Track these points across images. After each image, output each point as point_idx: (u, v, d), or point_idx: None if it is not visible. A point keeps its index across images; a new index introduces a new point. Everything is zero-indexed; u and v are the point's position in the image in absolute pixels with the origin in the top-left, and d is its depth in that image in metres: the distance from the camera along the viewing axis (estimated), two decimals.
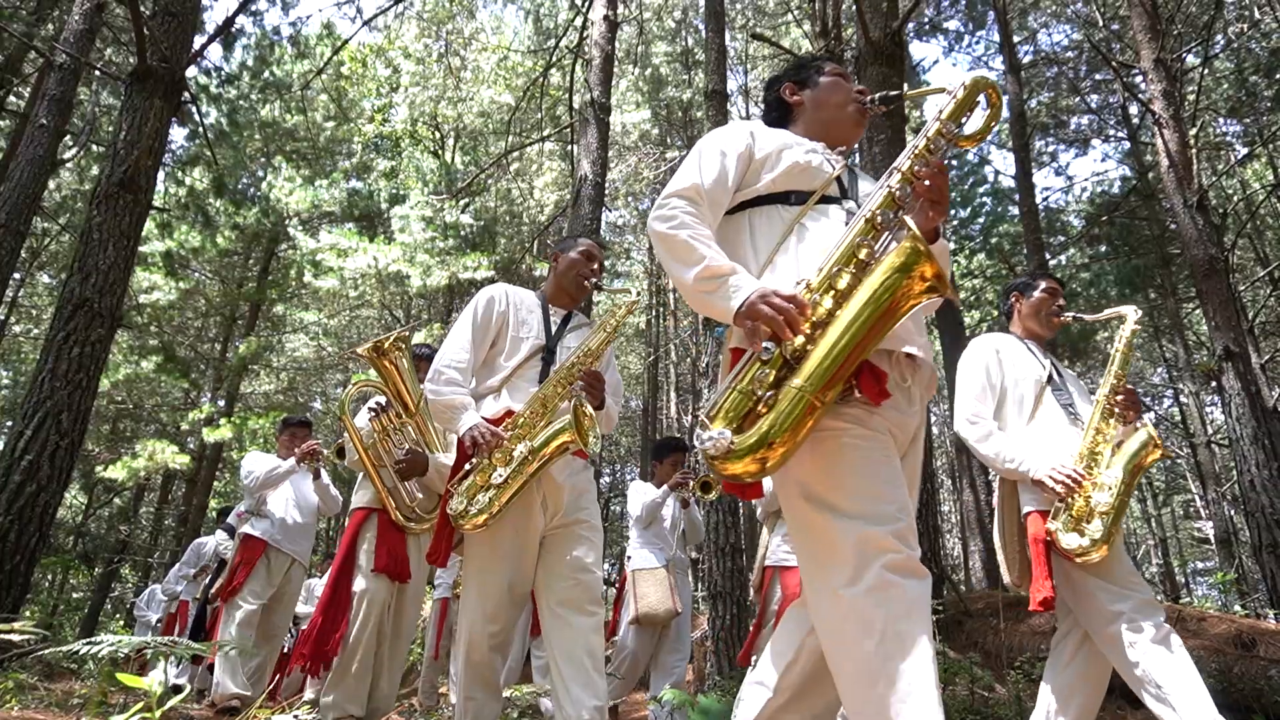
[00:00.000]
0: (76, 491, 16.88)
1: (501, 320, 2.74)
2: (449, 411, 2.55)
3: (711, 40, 7.84)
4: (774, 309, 1.53)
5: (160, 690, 1.45)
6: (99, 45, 11.15)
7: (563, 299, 2.91)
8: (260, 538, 4.75)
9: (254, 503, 4.84)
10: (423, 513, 3.54)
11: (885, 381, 1.62)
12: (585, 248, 2.91)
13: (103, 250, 5.49)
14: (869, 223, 1.63)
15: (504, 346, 2.71)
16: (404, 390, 3.50)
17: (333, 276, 13.10)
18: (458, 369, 2.60)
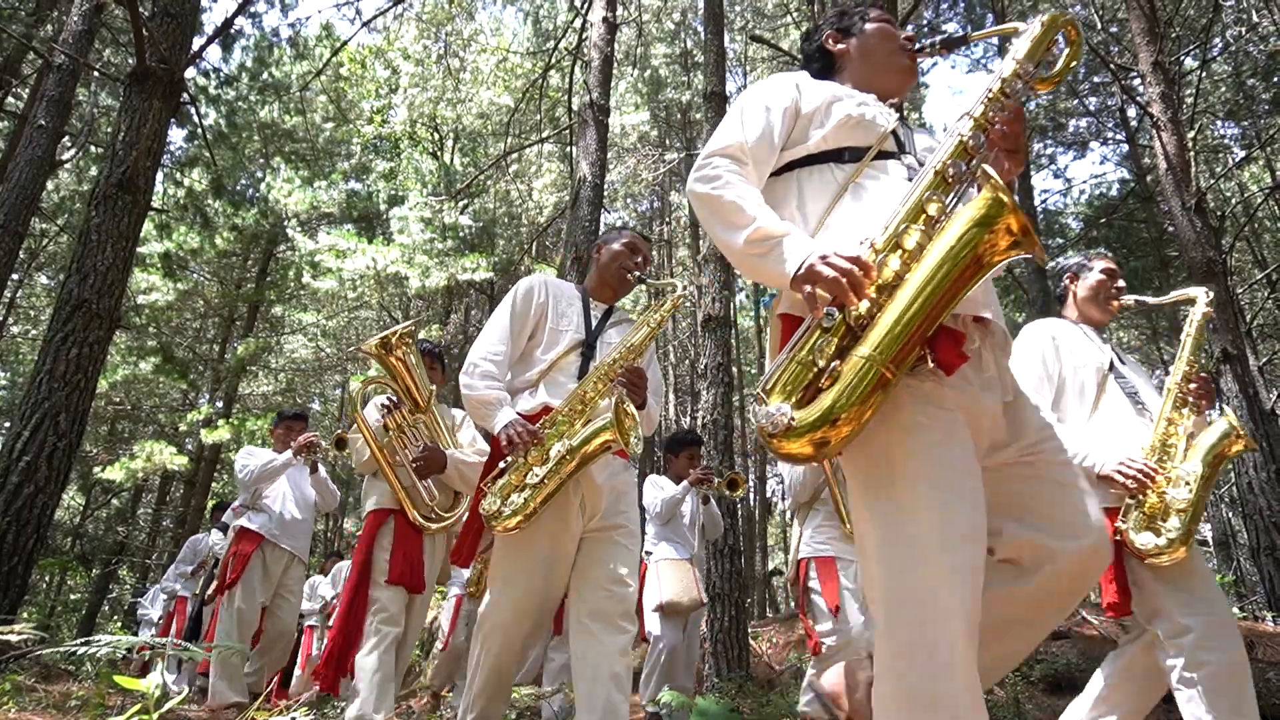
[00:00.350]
0: (74, 493, 16.86)
1: (540, 311, 2.62)
2: (483, 407, 2.44)
3: (710, 42, 7.85)
4: (836, 270, 1.38)
5: (158, 692, 1.45)
6: (98, 46, 11.15)
7: (605, 293, 2.78)
8: (256, 531, 4.59)
9: (250, 496, 4.68)
10: (441, 511, 3.43)
11: (964, 344, 1.47)
12: (629, 239, 2.77)
13: (101, 251, 5.49)
14: (939, 175, 1.48)
15: (542, 339, 2.59)
16: (413, 386, 3.38)
17: (331, 277, 13.10)
18: (493, 361, 2.49)
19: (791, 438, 1.35)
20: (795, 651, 6.54)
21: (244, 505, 4.68)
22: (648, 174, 15.14)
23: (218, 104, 13.25)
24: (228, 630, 4.39)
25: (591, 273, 2.84)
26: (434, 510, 3.40)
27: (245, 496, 4.67)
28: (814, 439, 1.33)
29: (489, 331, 2.57)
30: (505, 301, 2.62)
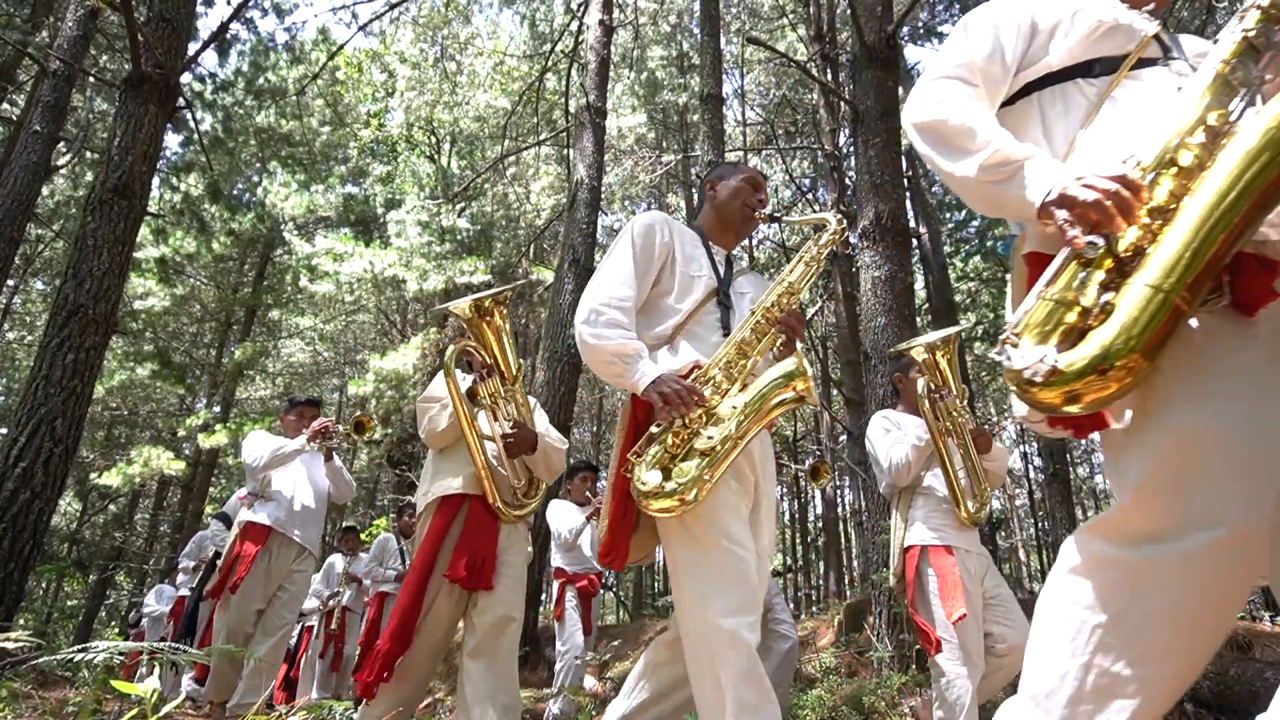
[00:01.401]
0: (71, 498, 16.83)
1: (665, 253, 2.23)
2: (617, 361, 2.01)
3: (707, 44, 7.86)
4: (1098, 192, 1.18)
5: (155, 696, 1.44)
6: (93, 52, 11.14)
7: (725, 236, 2.40)
8: (265, 524, 4.24)
9: (259, 485, 4.33)
10: (522, 497, 3.09)
11: (1277, 278, 1.18)
12: (748, 173, 2.40)
13: (97, 256, 5.48)
14: (1220, 78, 1.23)
15: (672, 286, 2.21)
16: (503, 357, 3.04)
17: (328, 281, 13.09)
18: (621, 309, 2.07)
19: (1055, 386, 1.13)
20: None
21: (252, 494, 4.36)
22: (645, 176, 15.15)
23: (214, 109, 13.26)
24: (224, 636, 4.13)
25: (706, 213, 2.45)
26: (516, 495, 3.06)
27: (254, 484, 4.35)
28: (1086, 383, 1.11)
29: (609, 275, 2.15)
30: (622, 241, 2.23)
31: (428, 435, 3.07)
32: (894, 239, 5.85)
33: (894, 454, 3.42)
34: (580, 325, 2.07)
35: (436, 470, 3.06)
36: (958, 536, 3.30)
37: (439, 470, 3.04)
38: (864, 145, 6.24)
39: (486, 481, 2.91)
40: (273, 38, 13.74)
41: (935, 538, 3.29)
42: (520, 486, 3.07)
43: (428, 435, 3.07)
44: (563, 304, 7.66)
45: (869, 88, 6.33)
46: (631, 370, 2.00)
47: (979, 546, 3.38)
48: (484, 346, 3.02)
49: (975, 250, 17.22)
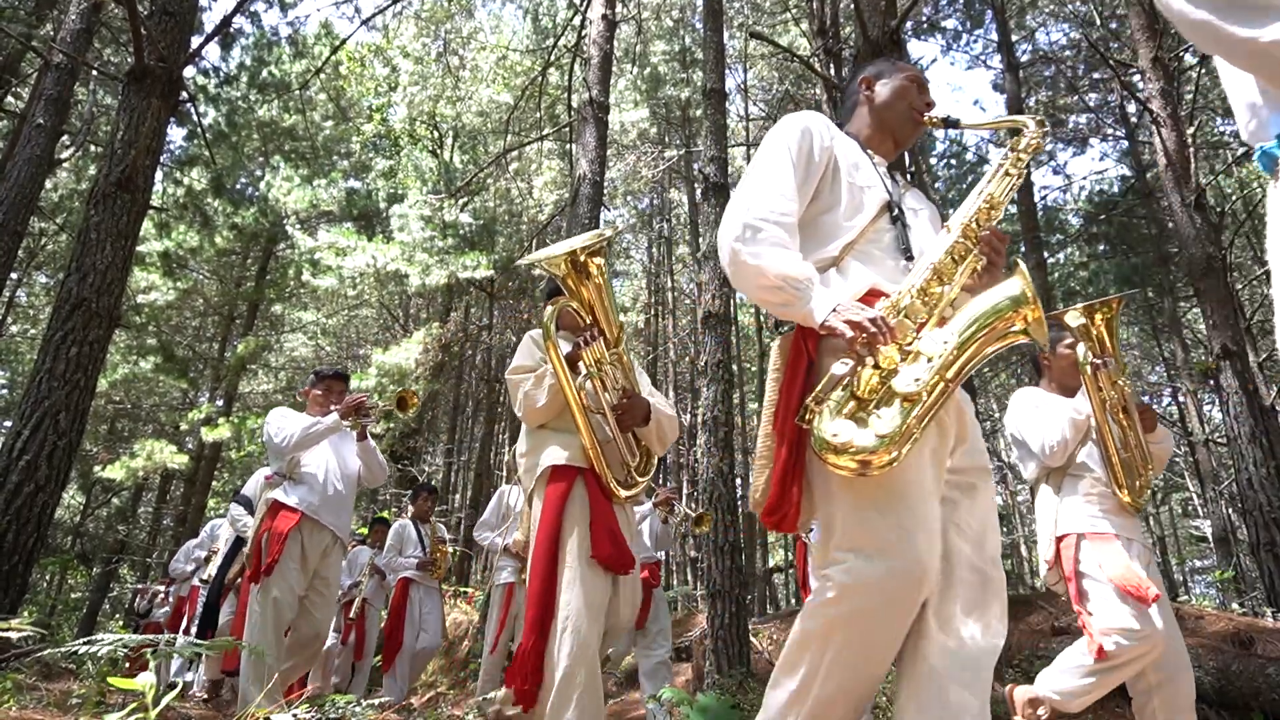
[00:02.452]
0: (74, 491, 16.88)
1: (827, 160, 1.85)
2: (785, 286, 1.61)
3: (710, 39, 7.84)
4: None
5: (155, 689, 1.45)
6: (96, 45, 11.14)
7: (884, 145, 2.02)
8: (295, 507, 3.82)
9: (286, 465, 3.92)
10: (636, 474, 2.73)
11: None
12: (912, 71, 2.03)
13: (100, 250, 5.49)
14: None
15: (836, 199, 1.82)
16: (605, 317, 2.64)
17: (331, 276, 13.11)
18: (782, 224, 1.69)
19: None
20: None
21: (279, 475, 3.93)
22: (648, 171, 15.13)
23: (217, 102, 13.26)
24: (261, 623, 3.65)
25: (859, 118, 2.04)
26: (629, 471, 2.71)
27: (280, 465, 3.92)
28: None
29: (764, 184, 1.75)
30: (775, 145, 1.82)
31: (526, 411, 2.67)
32: None
33: (1048, 433, 3.01)
34: (732, 244, 1.68)
35: (539, 442, 2.68)
36: (1119, 522, 2.91)
37: (542, 441, 2.67)
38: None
39: (597, 458, 2.55)
40: (276, 31, 13.74)
41: (1094, 523, 2.90)
42: (634, 462, 2.71)
43: (526, 411, 2.67)
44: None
45: None
46: (802, 297, 1.61)
47: (1143, 536, 3.01)
48: (582, 306, 2.63)
49: None
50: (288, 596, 3.69)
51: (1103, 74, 13.94)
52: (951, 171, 18.06)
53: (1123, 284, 13.82)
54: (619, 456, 2.65)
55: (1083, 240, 15.25)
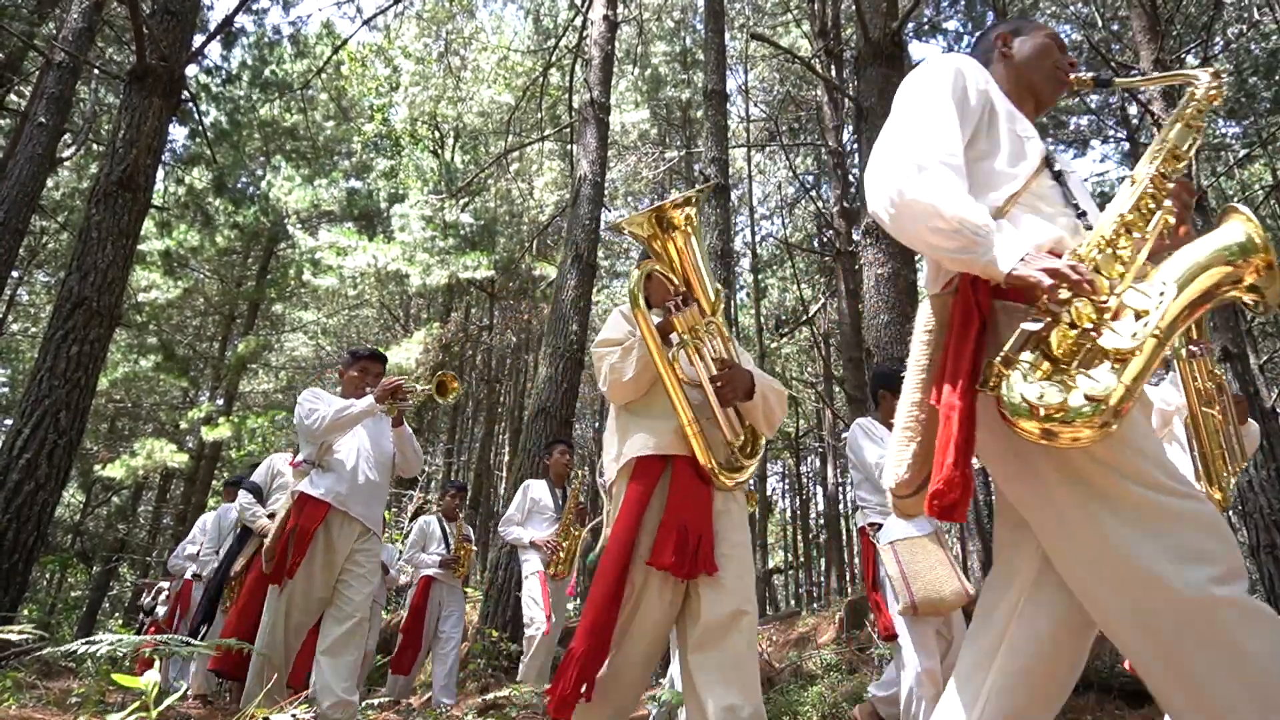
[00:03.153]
0: (75, 490, 16.88)
1: (985, 105, 1.67)
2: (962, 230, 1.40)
3: (711, 40, 7.85)
4: None
5: (157, 689, 1.45)
6: (99, 44, 11.15)
7: (1025, 105, 1.84)
8: (322, 499, 3.52)
9: (316, 451, 3.60)
10: (742, 456, 2.40)
11: None
12: (1051, 31, 1.90)
13: (101, 249, 5.49)
14: None
15: (997, 146, 1.65)
16: (698, 280, 2.36)
17: (332, 275, 13.12)
18: (951, 165, 1.49)
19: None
20: (794, 650, 6.56)
21: (308, 461, 3.63)
22: (648, 172, 15.14)
23: (219, 102, 13.27)
24: (273, 623, 3.45)
25: (998, 74, 1.86)
26: (734, 453, 2.38)
27: (310, 451, 3.62)
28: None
29: (924, 123, 1.57)
30: (930, 84, 1.64)
31: (612, 387, 2.39)
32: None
33: None
34: (899, 183, 1.47)
35: (626, 428, 2.40)
36: None
37: (630, 427, 2.39)
38: (867, 142, 6.23)
39: (696, 439, 2.26)
40: (278, 31, 13.73)
41: None
42: (738, 442, 2.40)
43: (612, 387, 2.39)
44: (565, 300, 7.65)
45: (873, 84, 6.32)
46: (984, 244, 1.40)
47: None
48: (672, 270, 2.37)
49: None
50: (304, 601, 3.46)
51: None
52: None
53: None
54: (721, 436, 2.35)
55: None
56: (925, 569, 3.16)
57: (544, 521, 5.38)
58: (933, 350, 1.56)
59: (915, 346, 1.60)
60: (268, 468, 4.99)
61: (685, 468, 2.27)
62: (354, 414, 3.57)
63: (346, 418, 3.56)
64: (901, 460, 1.55)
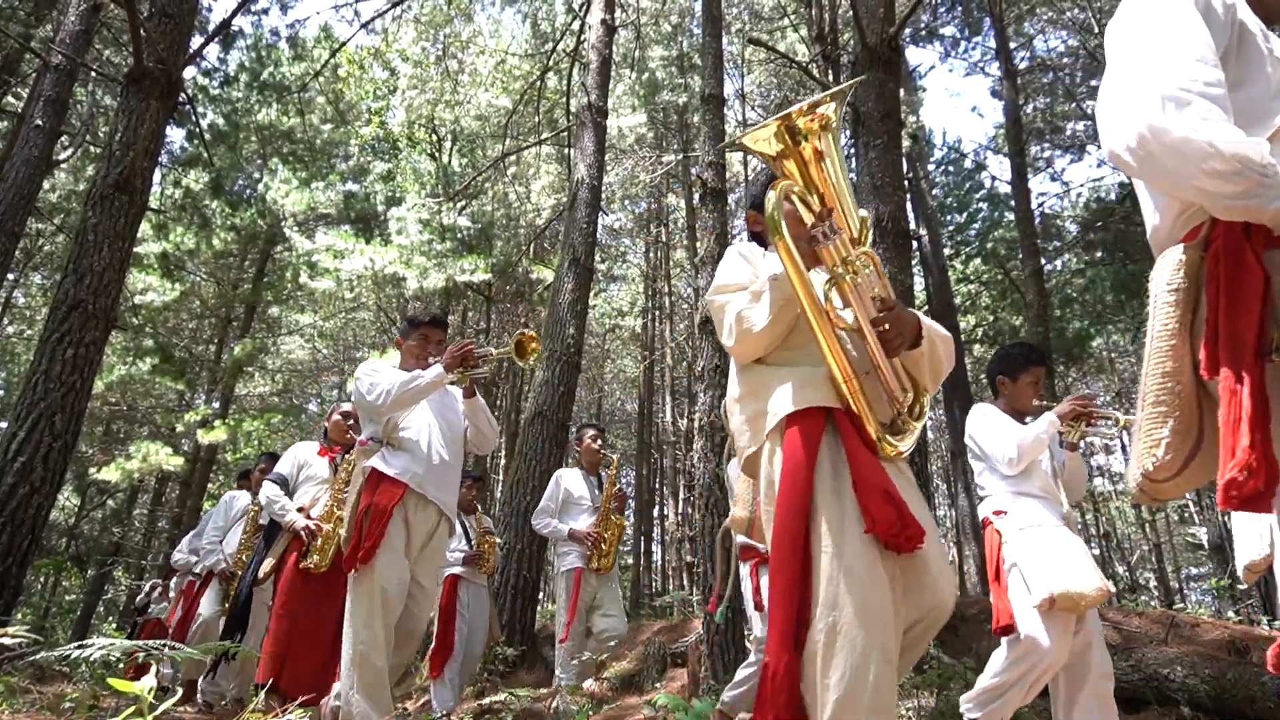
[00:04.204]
0: (70, 493, 16.83)
1: (1232, 21, 1.39)
2: (1241, 171, 1.19)
3: (708, 44, 7.86)
4: None
5: (152, 694, 1.44)
6: (96, 46, 11.14)
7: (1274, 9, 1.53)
8: (398, 478, 3.13)
9: (381, 429, 3.24)
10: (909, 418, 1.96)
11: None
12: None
13: (98, 251, 5.48)
14: None
15: (1252, 73, 1.37)
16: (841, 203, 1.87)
17: (329, 278, 13.10)
18: (1211, 95, 1.24)
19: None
20: None
21: (374, 439, 3.26)
22: (645, 176, 15.16)
23: (216, 104, 13.27)
24: (368, 619, 2.99)
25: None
26: (900, 415, 1.95)
27: (375, 429, 3.26)
28: None
29: (1171, 46, 1.31)
30: (1170, 3, 1.36)
31: (739, 339, 1.95)
32: (894, 241, 5.85)
33: None
34: (1151, 121, 1.23)
35: (765, 383, 1.94)
36: None
37: (770, 382, 1.93)
38: (865, 147, 6.25)
39: (855, 396, 1.82)
40: (275, 33, 13.75)
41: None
42: (904, 400, 1.96)
43: (739, 339, 1.95)
44: (562, 303, 7.65)
45: (870, 89, 6.33)
46: (1273, 186, 1.18)
47: None
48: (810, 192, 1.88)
49: (975, 253, 17.24)
50: (395, 586, 3.04)
51: (1100, 81, 13.98)
52: (949, 179, 18.10)
53: (1119, 291, 13.85)
54: (884, 392, 1.91)
55: (1080, 247, 15.28)
56: (1063, 559, 2.88)
57: (580, 513, 5.12)
58: (1181, 311, 1.32)
59: (1158, 309, 1.35)
60: (293, 458, 4.56)
61: (848, 426, 1.83)
62: (423, 385, 3.16)
63: (414, 390, 3.15)
64: (1158, 440, 1.32)
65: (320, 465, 4.53)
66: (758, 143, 1.88)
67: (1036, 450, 3.11)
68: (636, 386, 20.65)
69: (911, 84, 14.97)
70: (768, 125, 1.83)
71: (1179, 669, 3.90)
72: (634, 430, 21.26)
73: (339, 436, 4.63)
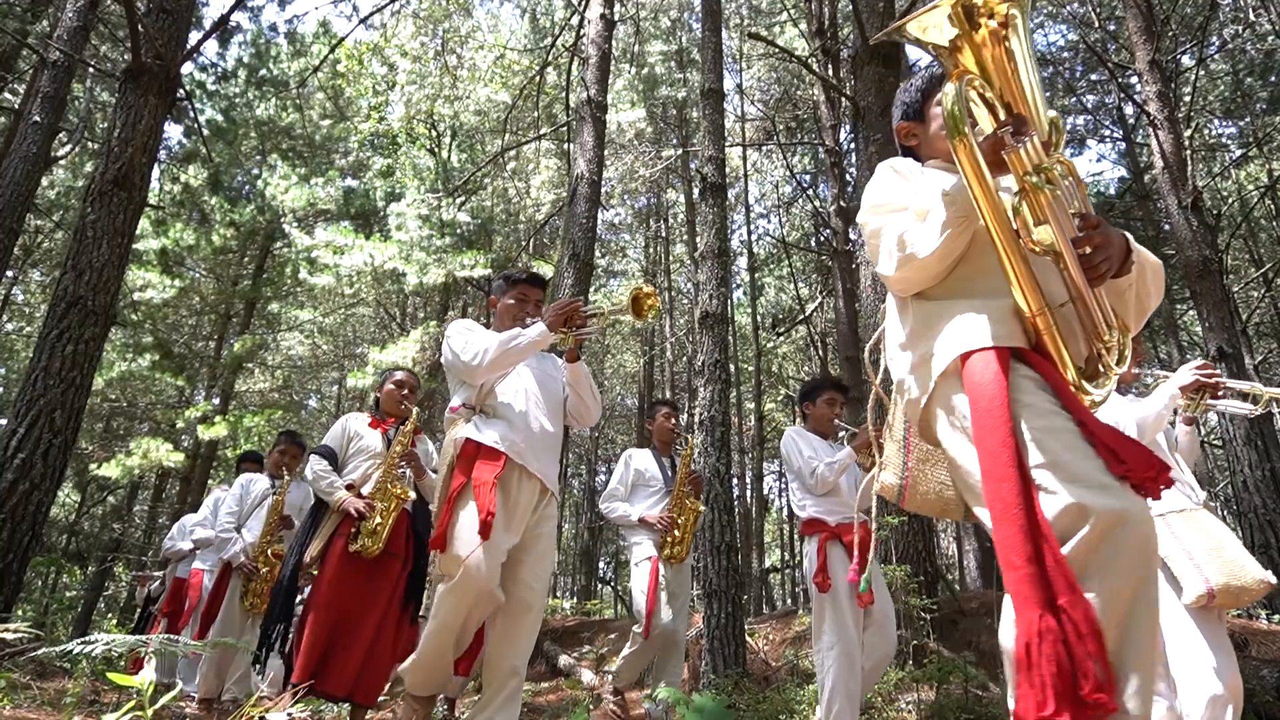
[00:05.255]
0: (70, 490, 16.84)
1: None
2: None
3: (707, 39, 7.84)
4: None
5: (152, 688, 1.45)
6: (94, 42, 11.12)
7: None
8: (496, 448, 2.77)
9: (475, 394, 2.92)
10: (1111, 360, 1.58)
11: None
12: None
13: (96, 248, 5.48)
14: None
15: None
16: (1026, 102, 1.55)
17: (328, 274, 13.09)
18: None
19: None
20: (791, 648, 6.55)
21: (466, 406, 2.92)
22: (645, 171, 15.14)
23: (214, 100, 13.26)
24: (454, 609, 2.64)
25: None
26: (1102, 354, 1.58)
27: (468, 394, 2.94)
28: None
29: None
30: None
31: (903, 265, 1.63)
32: None
33: None
34: None
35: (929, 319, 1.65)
36: None
37: (937, 315, 1.63)
38: (865, 141, 6.24)
39: (1049, 332, 1.51)
40: (274, 29, 13.74)
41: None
42: (1108, 339, 1.57)
43: (903, 265, 1.63)
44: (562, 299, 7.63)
45: (870, 84, 6.33)
46: None
47: None
48: (990, 86, 1.55)
49: None
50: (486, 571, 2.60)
51: (1100, 75, 13.98)
52: None
53: None
54: (1080, 329, 1.57)
55: None
56: (1217, 548, 2.52)
57: (652, 496, 4.65)
58: None
59: None
60: (343, 429, 4.08)
61: (1045, 367, 1.50)
62: (524, 345, 2.82)
63: (515, 350, 2.81)
64: None
65: (372, 438, 3.98)
66: (926, 29, 1.54)
67: (1158, 426, 2.82)
68: (636, 381, 20.66)
69: (911, 78, 14.93)
70: (942, 5, 1.51)
71: None
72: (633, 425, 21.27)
73: (392, 408, 4.09)
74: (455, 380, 2.99)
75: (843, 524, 3.64)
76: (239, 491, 5.20)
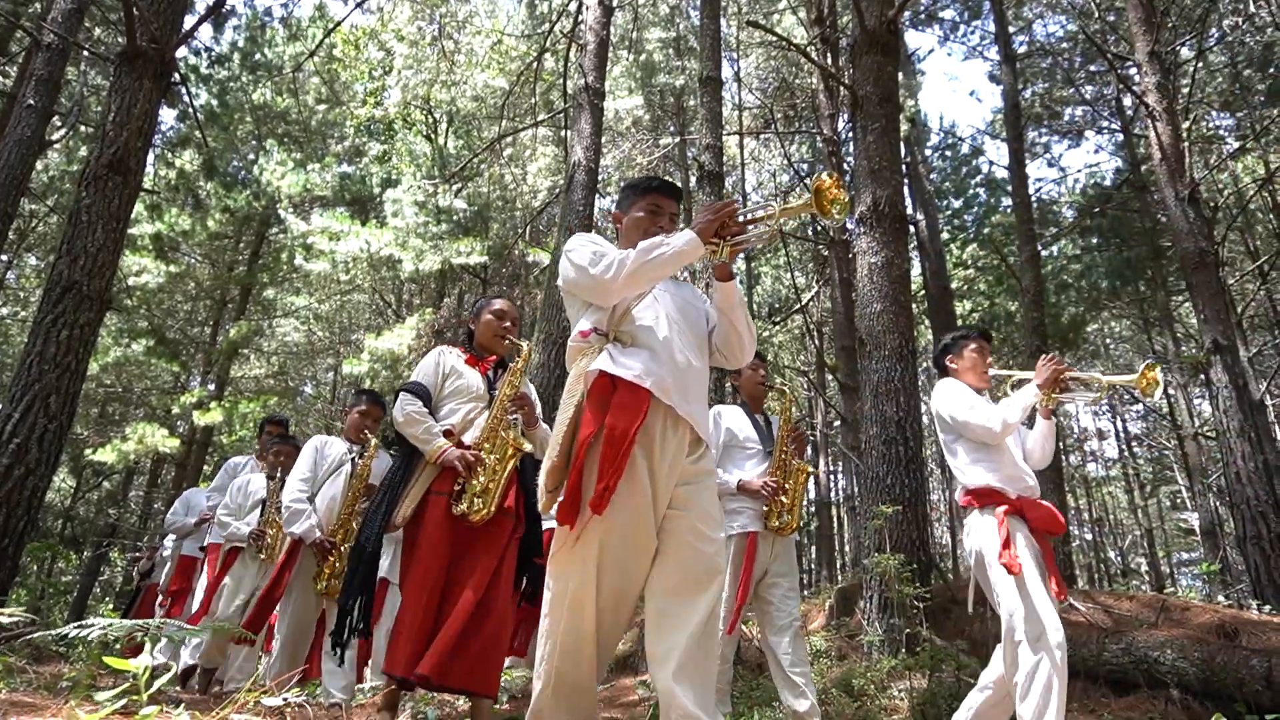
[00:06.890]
0: (65, 475, 16.83)
1: None
2: None
3: (706, 26, 7.80)
4: None
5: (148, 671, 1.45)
6: (87, 25, 11.03)
7: None
8: (638, 383, 2.10)
9: (608, 316, 2.27)
10: None
11: None
12: None
13: (91, 232, 5.45)
14: None
15: None
16: None
17: (324, 260, 13.06)
18: None
19: None
20: None
21: (597, 332, 2.27)
22: (642, 159, 15.08)
23: (209, 84, 13.18)
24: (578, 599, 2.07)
25: None
26: None
27: (599, 316, 2.29)
28: None
29: None
30: None
31: None
32: (891, 225, 5.84)
33: None
34: None
35: None
36: None
37: None
38: (862, 130, 6.23)
39: None
40: (269, 13, 13.65)
41: None
42: None
43: None
44: (558, 287, 7.63)
45: (868, 73, 6.31)
46: None
47: None
48: None
49: (972, 238, 17.24)
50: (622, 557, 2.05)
51: (1099, 67, 13.94)
52: (946, 163, 18.05)
53: (1115, 277, 13.86)
54: None
55: (1077, 233, 15.29)
56: None
57: (747, 459, 3.92)
58: None
59: None
60: (436, 363, 3.39)
61: None
62: (670, 254, 2.16)
63: (658, 260, 2.17)
64: None
65: (472, 376, 3.32)
66: None
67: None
68: None
69: (910, 68, 14.90)
70: None
71: (1169, 652, 3.93)
72: None
73: (492, 342, 3.41)
74: (577, 304, 2.40)
75: (1024, 497, 3.03)
76: (312, 455, 4.48)
